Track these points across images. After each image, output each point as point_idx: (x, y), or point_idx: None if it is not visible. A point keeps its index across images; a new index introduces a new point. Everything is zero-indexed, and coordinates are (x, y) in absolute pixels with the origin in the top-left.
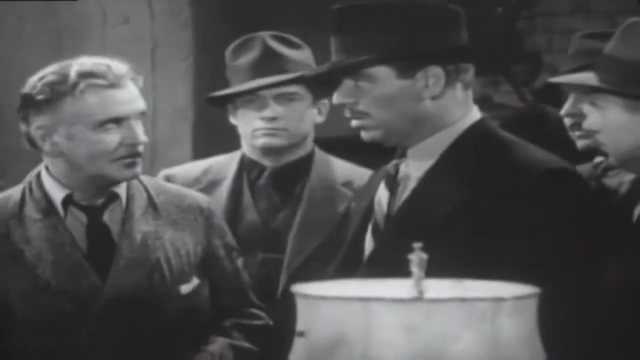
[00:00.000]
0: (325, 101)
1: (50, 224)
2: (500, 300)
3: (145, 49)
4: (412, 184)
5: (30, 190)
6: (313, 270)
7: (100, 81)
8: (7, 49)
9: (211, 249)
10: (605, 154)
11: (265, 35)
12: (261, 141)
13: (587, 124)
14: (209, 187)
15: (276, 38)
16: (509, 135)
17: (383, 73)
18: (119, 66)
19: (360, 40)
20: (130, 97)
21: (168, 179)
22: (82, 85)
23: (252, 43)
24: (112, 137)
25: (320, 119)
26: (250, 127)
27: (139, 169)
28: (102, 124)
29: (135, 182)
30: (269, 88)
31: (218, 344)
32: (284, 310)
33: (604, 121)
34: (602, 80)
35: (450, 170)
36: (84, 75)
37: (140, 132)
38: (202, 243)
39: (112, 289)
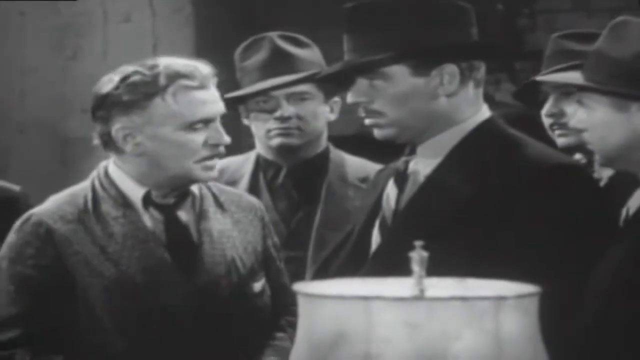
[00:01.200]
0: (337, 99)
1: (131, 221)
2: (501, 299)
3: (146, 47)
4: (420, 181)
5: (103, 187)
6: (335, 266)
7: (190, 82)
8: (9, 47)
9: (267, 248)
10: (586, 152)
11: (274, 36)
12: (276, 141)
13: (574, 122)
14: None
15: (284, 38)
16: (518, 133)
17: (398, 71)
18: (203, 67)
19: (374, 39)
20: (215, 97)
21: None
22: (173, 87)
23: (261, 43)
24: (199, 138)
25: (332, 116)
26: (264, 127)
27: (217, 170)
28: (192, 125)
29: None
30: (281, 88)
31: (284, 340)
32: None
33: (591, 119)
34: (588, 79)
35: (459, 167)
36: (175, 76)
37: (224, 133)
38: (260, 242)
39: (195, 286)
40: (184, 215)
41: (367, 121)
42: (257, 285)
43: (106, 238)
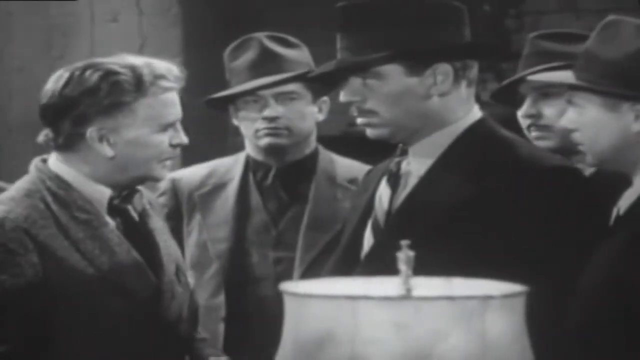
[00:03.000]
0: (325, 99)
1: (101, 224)
2: (488, 298)
3: (133, 47)
4: (413, 181)
5: (61, 189)
6: (324, 266)
7: (168, 83)
8: None
9: None
10: (563, 154)
11: (262, 36)
12: (264, 141)
13: (564, 122)
14: (215, 190)
15: (273, 38)
16: (510, 134)
17: (392, 70)
18: (174, 68)
19: (367, 38)
20: (178, 99)
21: (174, 182)
22: (155, 87)
23: (249, 44)
24: (166, 139)
25: (321, 117)
26: (253, 127)
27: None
28: (165, 127)
29: None
30: (268, 88)
31: (204, 332)
32: None
33: (581, 119)
34: (580, 78)
35: (452, 167)
36: (157, 77)
37: (183, 133)
38: None
39: (166, 286)
40: (134, 214)
41: (360, 120)
42: (192, 281)
43: (84, 243)
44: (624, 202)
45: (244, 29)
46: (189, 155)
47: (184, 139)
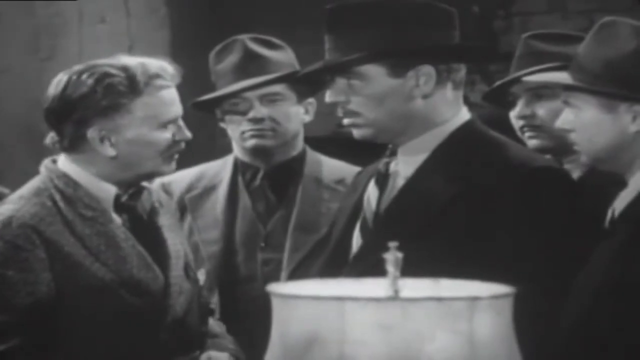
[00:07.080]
0: (312, 100)
1: (107, 220)
2: (476, 299)
3: (121, 48)
4: (401, 182)
5: (70, 188)
6: (311, 267)
7: (163, 82)
8: None
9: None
10: (556, 154)
11: (245, 38)
12: (250, 143)
13: (560, 123)
14: (205, 192)
15: (256, 40)
16: (498, 135)
17: (374, 72)
18: (168, 65)
19: (352, 39)
20: (177, 96)
21: (164, 187)
22: (150, 87)
23: (233, 46)
24: (168, 135)
25: (307, 118)
26: (239, 129)
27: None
28: (165, 124)
29: None
30: (252, 90)
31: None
32: None
33: (578, 120)
34: (576, 79)
35: (439, 168)
36: (151, 76)
37: (186, 129)
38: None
39: (173, 281)
40: (141, 211)
41: (346, 121)
42: (201, 278)
43: (90, 239)
44: (620, 203)
45: (232, 30)
46: (178, 158)
47: (187, 134)
